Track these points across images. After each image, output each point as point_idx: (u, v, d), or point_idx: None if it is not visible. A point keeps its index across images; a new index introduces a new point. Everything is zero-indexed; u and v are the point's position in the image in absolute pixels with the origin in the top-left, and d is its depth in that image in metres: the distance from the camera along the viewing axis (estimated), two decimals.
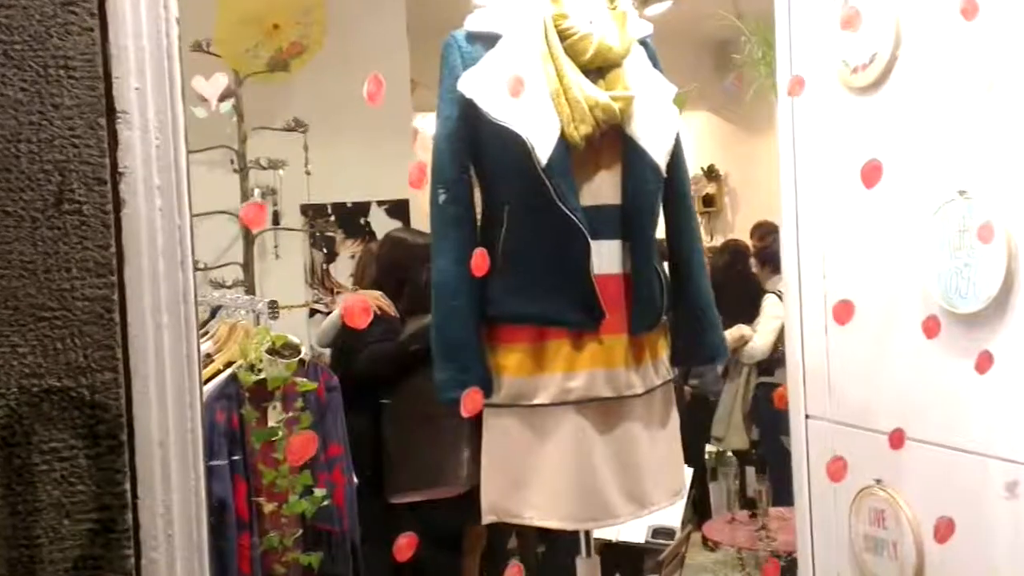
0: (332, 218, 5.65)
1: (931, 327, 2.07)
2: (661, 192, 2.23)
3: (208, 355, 3.36)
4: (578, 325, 2.16)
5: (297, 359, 2.92)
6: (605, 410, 2.20)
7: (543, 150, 2.08)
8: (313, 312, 5.60)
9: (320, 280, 5.77)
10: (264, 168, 5.21)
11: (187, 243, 1.51)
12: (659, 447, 2.28)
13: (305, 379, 2.91)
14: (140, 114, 1.44)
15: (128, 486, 1.35)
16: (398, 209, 5.90)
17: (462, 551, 4.15)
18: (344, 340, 3.89)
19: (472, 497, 3.73)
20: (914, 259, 2.29)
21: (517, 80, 1.84)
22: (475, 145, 2.13)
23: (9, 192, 1.28)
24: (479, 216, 2.27)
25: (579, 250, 2.13)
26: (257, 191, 5.27)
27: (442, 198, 2.19)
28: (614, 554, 4.01)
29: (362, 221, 5.86)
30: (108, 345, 1.32)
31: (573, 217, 2.10)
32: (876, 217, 2.41)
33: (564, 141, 2.11)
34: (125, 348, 1.34)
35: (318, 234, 5.63)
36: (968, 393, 2.14)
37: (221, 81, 4.60)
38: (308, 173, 5.21)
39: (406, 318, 3.85)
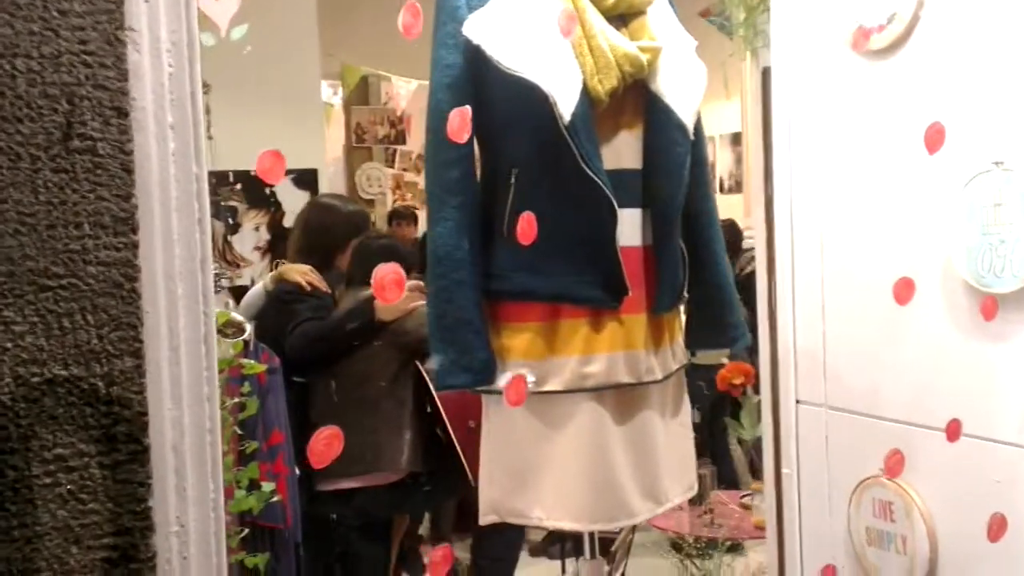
0: (236, 187, 5.38)
1: (959, 306, 1.92)
2: (689, 155, 2.01)
3: None
4: (598, 303, 1.93)
5: (242, 338, 2.60)
6: (623, 398, 1.98)
7: (566, 105, 1.84)
8: (217, 288, 5.21)
9: (222, 252, 5.43)
10: None
11: (204, 197, 1.22)
12: (674, 438, 2.08)
13: (252, 360, 2.60)
14: (151, 34, 1.15)
15: (152, 502, 1.06)
16: (306, 178, 5.62)
17: (390, 539, 3.89)
18: (270, 315, 3.57)
19: (408, 483, 3.53)
20: (934, 236, 2.14)
21: (569, 16, 1.58)
22: (479, 99, 1.86)
23: (2, 123, 0.97)
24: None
25: (604, 219, 1.90)
26: None
27: (442, 157, 1.93)
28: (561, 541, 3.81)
29: (267, 191, 5.56)
30: (129, 323, 1.03)
31: (599, 181, 1.87)
32: (889, 192, 2.25)
33: (587, 95, 1.87)
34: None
35: (220, 203, 5.31)
36: (1001, 379, 2.00)
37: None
38: (210, 138, 4.81)
39: (336, 293, 3.57)
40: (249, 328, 2.66)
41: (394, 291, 1.36)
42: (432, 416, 3.42)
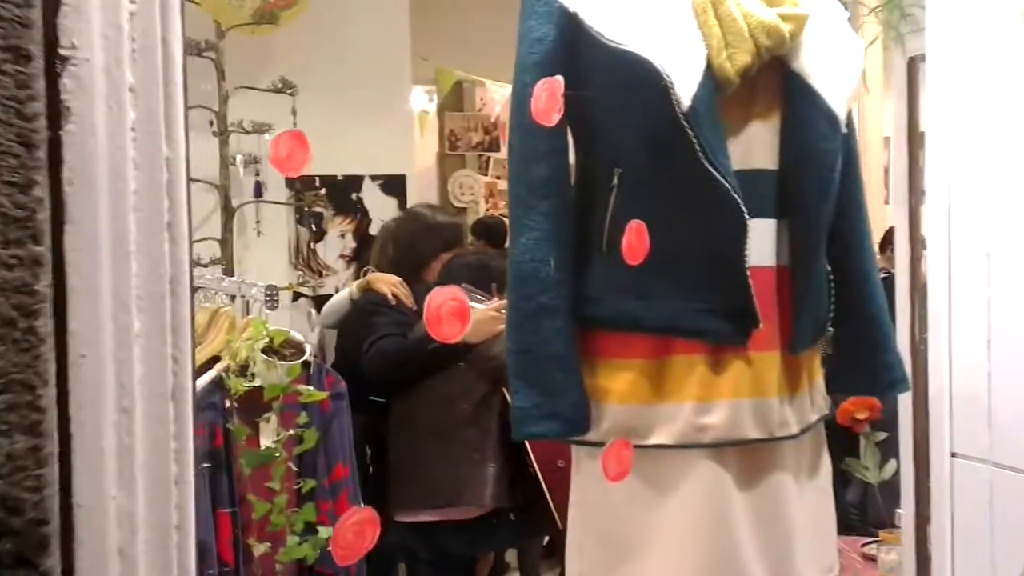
0: (321, 192, 5.04)
1: None
2: (840, 153, 1.59)
3: None
4: (720, 337, 1.52)
5: (300, 361, 2.25)
6: (749, 457, 1.55)
7: (685, 87, 1.44)
8: (297, 296, 4.99)
9: (306, 260, 5.13)
10: (247, 132, 4.60)
11: (181, 191, 0.85)
12: (811, 507, 1.64)
13: (310, 387, 2.25)
14: None
15: None
16: (394, 185, 5.27)
17: None
18: (351, 325, 3.26)
19: (492, 519, 3.16)
20: None
21: None
22: (575, 81, 1.46)
23: None
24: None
25: (730, 232, 1.48)
26: (239, 158, 4.69)
27: (527, 149, 1.55)
28: None
29: (354, 197, 5.22)
30: (21, 382, 0.66)
31: (725, 184, 1.45)
32: None
33: (712, 76, 1.47)
34: (62, 396, 0.68)
35: (305, 209, 5.00)
36: None
37: None
38: None
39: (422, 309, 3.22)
40: (309, 349, 2.31)
41: (453, 325, 0.98)
42: (519, 447, 3.04)
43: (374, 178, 5.26)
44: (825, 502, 1.70)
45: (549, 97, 1.04)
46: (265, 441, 2.21)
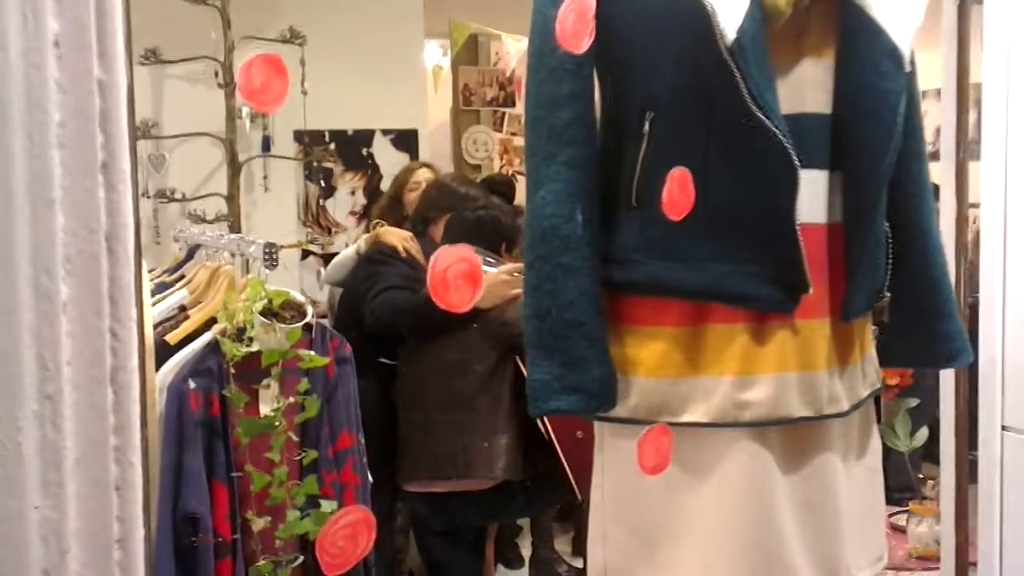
0: (330, 147, 4.86)
1: None
2: (904, 96, 1.40)
3: (183, 308, 2.54)
4: (765, 303, 1.34)
5: (302, 324, 2.09)
6: (795, 436, 1.38)
7: (730, 18, 1.25)
8: (306, 254, 4.85)
9: (315, 217, 4.94)
10: None
11: (120, 125, 0.68)
12: (859, 490, 1.47)
13: (312, 352, 2.09)
14: None
15: None
16: (406, 140, 5.08)
17: (483, 547, 3.36)
18: (357, 279, 3.13)
19: (505, 490, 3.01)
20: None
21: None
22: (601, 12, 1.27)
23: None
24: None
25: (779, 185, 1.30)
26: (245, 111, 4.47)
27: (548, 91, 1.37)
28: None
29: (364, 152, 5.03)
30: None
31: (775, 130, 1.28)
32: None
33: (760, 5, 1.28)
34: None
35: (314, 164, 4.81)
36: None
37: None
38: (304, 93, 4.44)
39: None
40: (311, 311, 2.14)
41: (462, 292, 0.81)
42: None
43: (385, 132, 5.07)
44: (875, 484, 1.53)
45: (578, 19, 0.87)
46: (265, 409, 2.05)
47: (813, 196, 1.35)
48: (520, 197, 5.49)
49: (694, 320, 1.37)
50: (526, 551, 4.14)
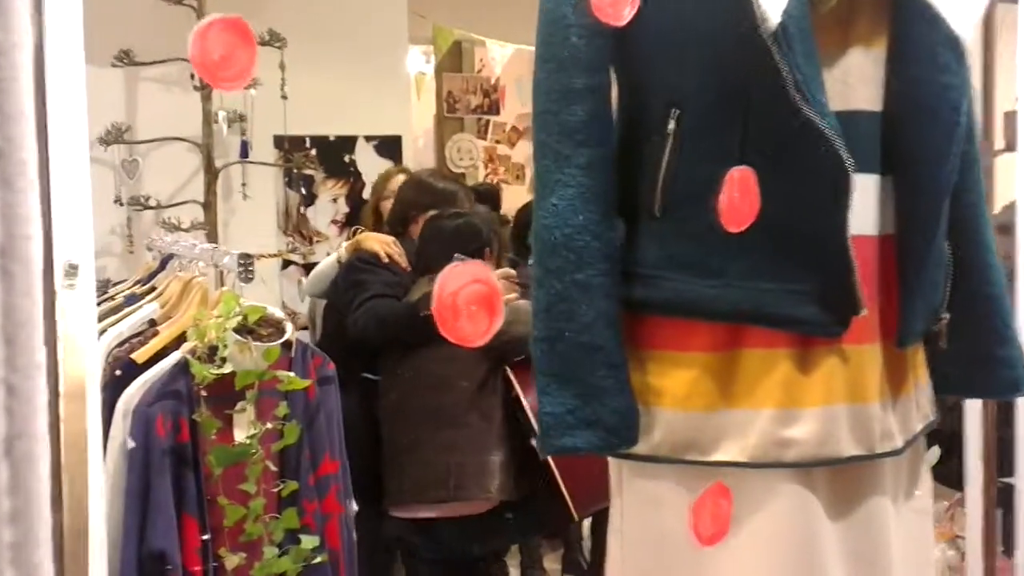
0: (311, 153, 4.70)
1: None
2: (967, 91, 1.23)
3: (152, 322, 2.36)
4: (813, 326, 1.17)
5: (280, 342, 1.91)
6: (842, 477, 1.21)
7: (773, 1, 1.08)
8: (286, 263, 4.69)
9: (295, 226, 4.79)
10: None
11: (17, 103, 0.49)
12: (911, 537, 1.30)
13: (291, 373, 1.91)
14: None
15: None
16: (389, 146, 4.91)
17: None
18: (339, 289, 2.97)
19: (498, 514, 2.83)
20: None
21: None
22: None
23: None
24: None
25: (828, 191, 1.13)
26: (222, 115, 4.33)
27: (563, 85, 1.19)
28: None
29: (346, 159, 4.88)
30: None
31: (825, 129, 1.11)
32: None
33: None
34: None
35: (295, 171, 4.65)
36: None
37: None
38: (284, 97, 4.30)
39: (415, 276, 2.89)
40: (290, 328, 1.96)
41: (477, 320, 0.64)
42: (524, 432, 2.70)
43: (368, 139, 4.92)
44: (926, 528, 1.36)
45: None
46: (239, 435, 1.87)
47: (863, 204, 1.18)
48: (507, 206, 5.33)
49: (727, 344, 1.20)
50: (515, 571, 3.97)
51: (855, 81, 1.19)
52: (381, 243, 2.92)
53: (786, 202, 1.15)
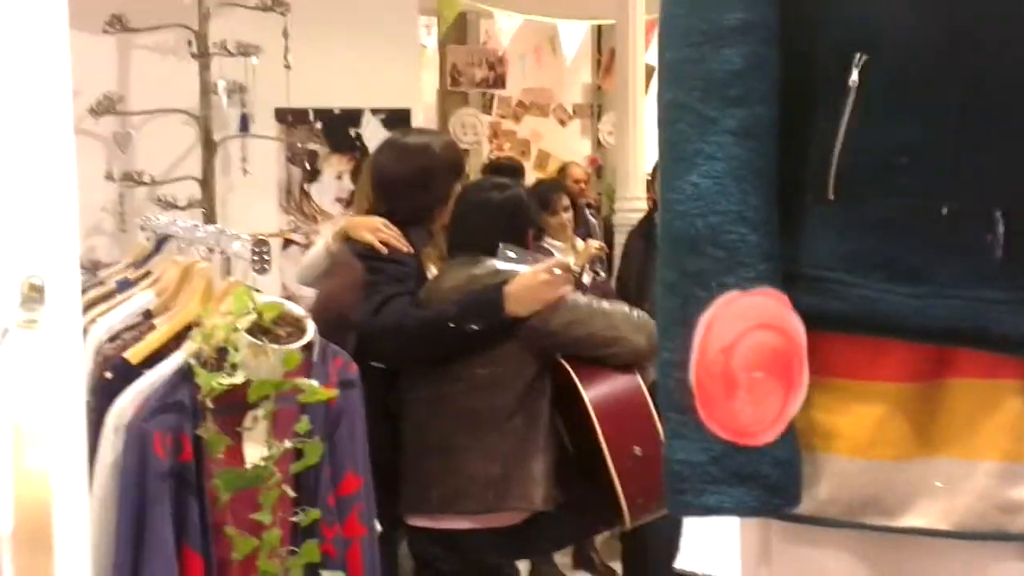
0: (316, 126, 4.59)
1: None
2: None
3: (148, 314, 2.04)
4: None
5: (301, 344, 1.59)
6: None
7: None
8: (288, 243, 4.44)
9: (298, 203, 4.63)
10: (231, 55, 4.14)
11: None
12: None
13: (314, 381, 1.59)
14: None
15: None
16: (398, 120, 4.67)
17: None
18: (332, 285, 2.59)
19: (537, 521, 2.52)
20: None
21: None
22: None
23: None
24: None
25: None
26: (222, 85, 4.17)
27: (708, 24, 0.88)
28: None
29: (352, 132, 4.69)
30: None
31: None
32: None
33: None
34: None
35: (298, 145, 4.54)
36: None
37: None
38: (287, 66, 4.16)
39: (422, 259, 2.54)
40: (312, 327, 1.63)
41: (765, 396, 0.45)
42: (579, 432, 2.40)
43: (375, 112, 4.71)
44: None
45: None
46: (251, 455, 1.55)
47: None
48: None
49: (931, 372, 0.89)
50: (523, 565, 3.72)
51: None
52: (369, 228, 2.51)
53: (1014, 186, 0.83)
